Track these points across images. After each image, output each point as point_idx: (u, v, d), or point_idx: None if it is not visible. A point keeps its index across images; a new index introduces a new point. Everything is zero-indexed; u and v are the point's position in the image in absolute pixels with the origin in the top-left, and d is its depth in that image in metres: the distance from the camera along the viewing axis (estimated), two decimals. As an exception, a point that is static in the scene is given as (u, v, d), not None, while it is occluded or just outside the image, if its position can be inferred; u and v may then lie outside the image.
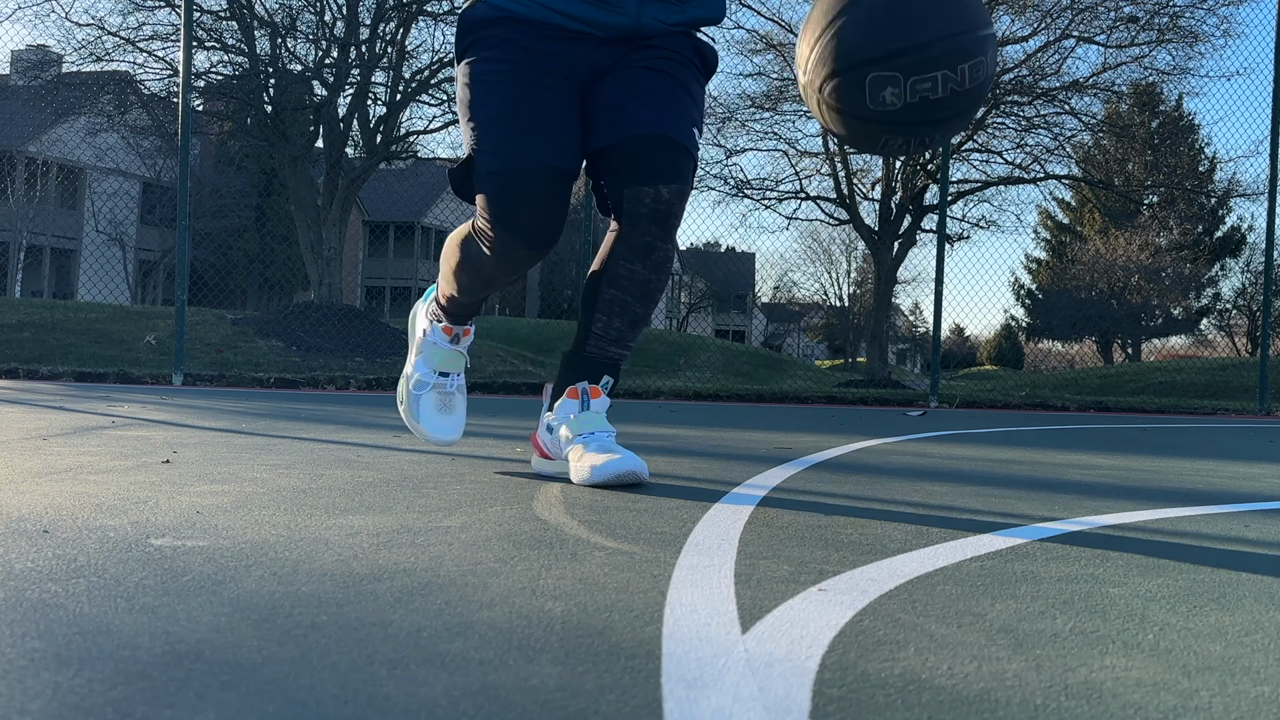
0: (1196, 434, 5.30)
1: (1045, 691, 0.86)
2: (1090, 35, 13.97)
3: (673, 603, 1.14)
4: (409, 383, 2.47)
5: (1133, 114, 15.51)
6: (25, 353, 9.48)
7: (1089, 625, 1.10)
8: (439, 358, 2.44)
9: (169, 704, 0.77)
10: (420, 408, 2.43)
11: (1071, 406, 8.62)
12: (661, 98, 2.17)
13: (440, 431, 2.43)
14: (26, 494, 1.81)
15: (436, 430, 2.43)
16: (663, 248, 2.19)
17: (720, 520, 1.74)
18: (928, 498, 2.15)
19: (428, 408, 2.43)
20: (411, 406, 2.44)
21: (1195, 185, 16.66)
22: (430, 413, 2.42)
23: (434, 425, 2.43)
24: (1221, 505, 2.20)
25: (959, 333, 41.74)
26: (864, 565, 1.39)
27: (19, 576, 1.17)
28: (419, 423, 2.43)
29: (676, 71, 2.22)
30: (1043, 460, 3.30)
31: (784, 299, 39.94)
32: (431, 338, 2.45)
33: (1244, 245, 29.07)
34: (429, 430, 2.42)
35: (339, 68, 13.62)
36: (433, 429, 2.42)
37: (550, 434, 2.32)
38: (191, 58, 8.01)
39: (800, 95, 9.81)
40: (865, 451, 3.36)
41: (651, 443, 3.48)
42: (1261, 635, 1.08)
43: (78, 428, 3.34)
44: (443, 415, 2.43)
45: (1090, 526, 1.81)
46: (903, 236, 14.96)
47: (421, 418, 2.43)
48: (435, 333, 2.44)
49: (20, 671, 0.83)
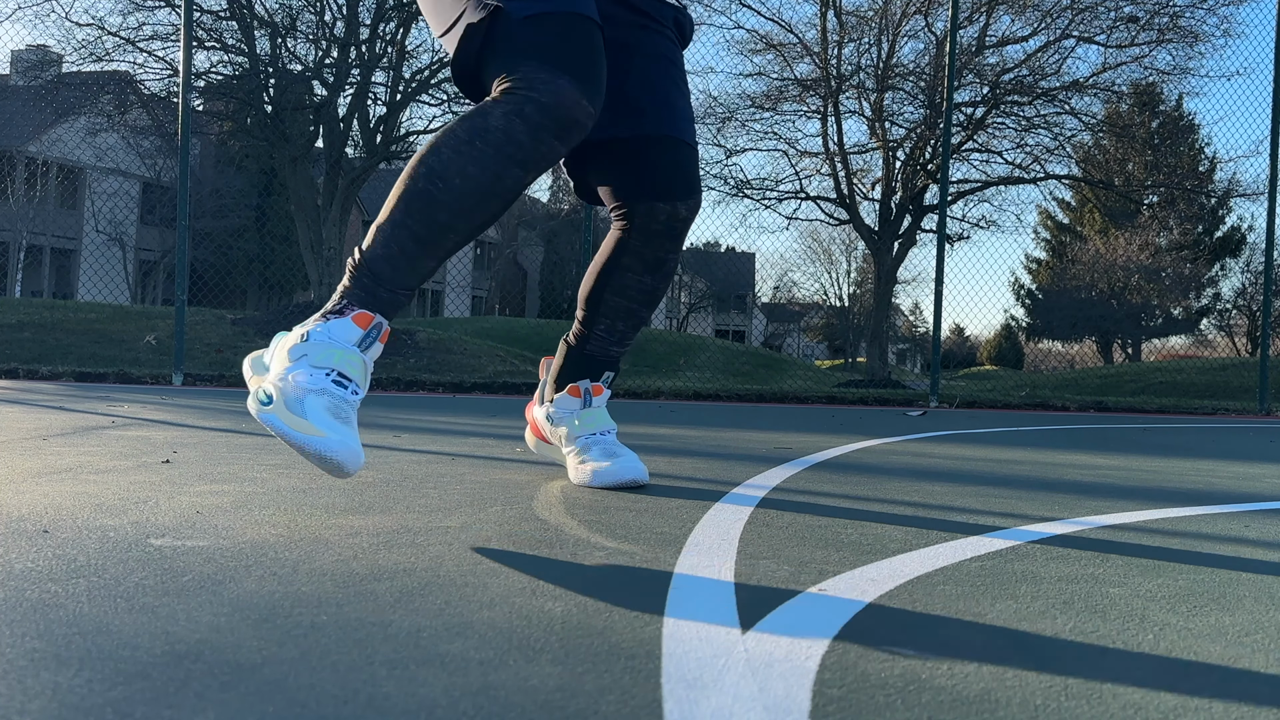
0: (1197, 434, 5.30)
1: (1045, 691, 0.86)
2: (1090, 35, 13.98)
3: (673, 603, 1.14)
4: (280, 387, 1.58)
5: (1133, 114, 15.50)
6: (25, 353, 9.48)
7: (1089, 625, 1.10)
8: (336, 356, 1.60)
9: (169, 704, 0.77)
10: (307, 406, 1.54)
11: (1071, 406, 8.62)
12: (669, 92, 2.01)
13: (342, 442, 1.52)
14: (26, 494, 1.81)
15: (337, 438, 1.52)
16: (674, 259, 2.14)
17: (720, 520, 1.74)
18: (928, 498, 2.15)
19: (317, 408, 1.55)
20: (290, 404, 1.55)
21: (1195, 185, 16.66)
22: (323, 414, 1.54)
23: (333, 430, 1.52)
24: (1221, 505, 2.20)
25: (959, 333, 41.76)
26: (864, 565, 1.39)
27: (19, 576, 1.17)
28: (308, 420, 1.53)
29: (675, 55, 2.05)
30: (1043, 460, 3.30)
31: (784, 299, 39.94)
32: (324, 333, 1.62)
33: (1244, 245, 29.09)
34: (326, 433, 1.52)
35: (339, 68, 13.62)
36: (333, 434, 1.52)
37: (551, 424, 2.25)
38: (191, 58, 8.01)
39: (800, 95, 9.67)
40: (865, 451, 3.36)
41: (651, 443, 3.48)
42: (1261, 635, 1.08)
43: (78, 428, 3.34)
44: (341, 424, 1.55)
45: (1090, 527, 1.81)
46: (903, 236, 14.96)
47: (311, 415, 1.53)
48: (336, 327, 1.62)
49: (20, 671, 0.83)
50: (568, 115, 1.61)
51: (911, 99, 14.48)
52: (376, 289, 1.66)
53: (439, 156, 1.63)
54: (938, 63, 13.79)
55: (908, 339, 37.71)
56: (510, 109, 1.61)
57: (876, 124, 14.44)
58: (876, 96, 14.31)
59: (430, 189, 1.63)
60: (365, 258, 1.67)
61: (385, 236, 1.65)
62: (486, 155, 1.61)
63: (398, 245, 1.65)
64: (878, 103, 14.32)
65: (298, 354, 1.60)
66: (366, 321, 1.63)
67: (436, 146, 1.65)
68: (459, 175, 1.62)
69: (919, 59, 14.76)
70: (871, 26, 14.37)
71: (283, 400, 1.54)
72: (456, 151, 1.62)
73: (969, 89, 14.14)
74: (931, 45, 14.29)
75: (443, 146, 1.64)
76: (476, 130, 1.61)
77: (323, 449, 1.50)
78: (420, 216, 1.64)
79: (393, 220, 1.65)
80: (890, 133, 14.54)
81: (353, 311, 1.64)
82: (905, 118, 14.63)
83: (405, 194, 1.64)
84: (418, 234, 1.65)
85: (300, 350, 1.60)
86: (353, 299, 1.65)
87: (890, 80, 14.28)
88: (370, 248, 1.67)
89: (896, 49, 14.46)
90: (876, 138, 14.57)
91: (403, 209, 1.64)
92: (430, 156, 1.64)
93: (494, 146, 1.60)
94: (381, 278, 1.66)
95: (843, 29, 14.28)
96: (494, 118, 1.61)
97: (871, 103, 14.43)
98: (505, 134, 1.61)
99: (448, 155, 1.62)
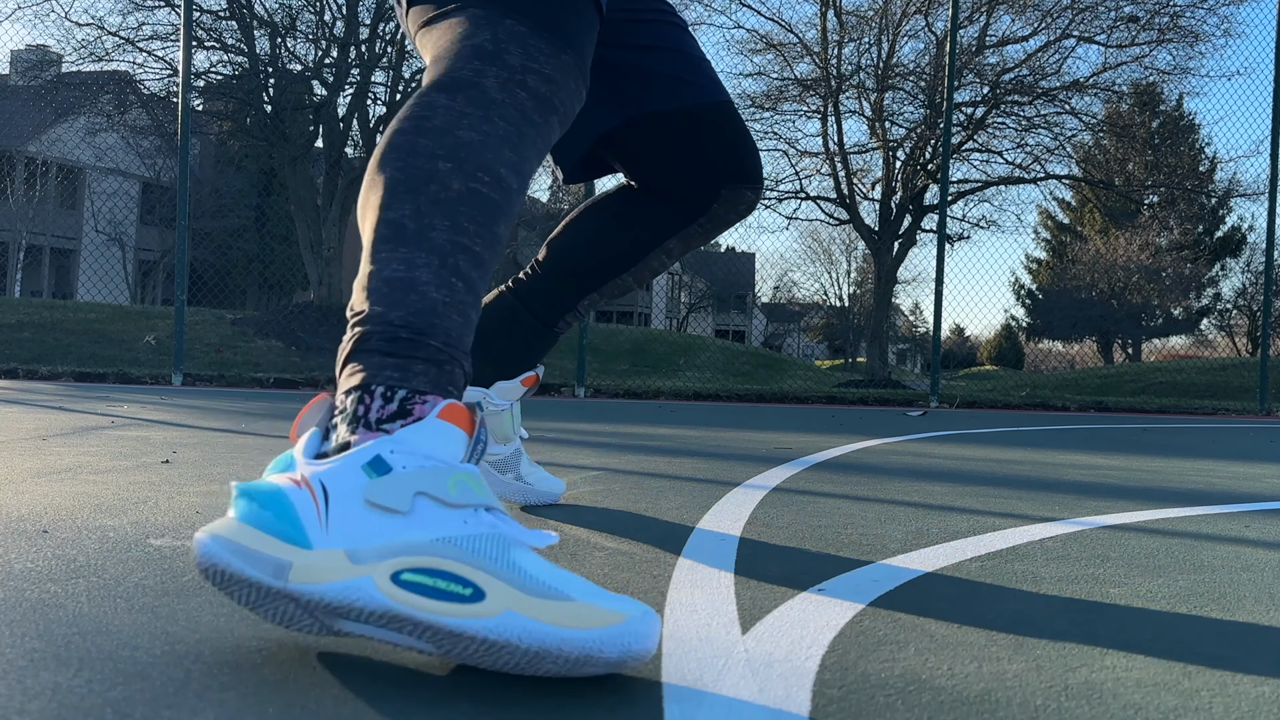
0: (1197, 434, 5.30)
1: (1046, 692, 0.86)
2: (1090, 35, 13.99)
3: (673, 603, 1.14)
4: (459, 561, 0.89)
5: (1133, 114, 15.50)
6: (25, 353, 9.48)
7: (1089, 626, 1.10)
8: (450, 482, 0.93)
9: (168, 704, 0.77)
10: (521, 572, 0.88)
11: (1072, 407, 8.62)
12: (700, 56, 1.71)
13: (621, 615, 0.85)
14: (26, 494, 1.81)
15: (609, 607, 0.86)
16: None
17: (720, 520, 1.74)
18: (928, 498, 2.15)
19: (527, 568, 0.89)
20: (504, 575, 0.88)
21: (1196, 185, 16.67)
22: (538, 560, 0.91)
23: (587, 592, 0.88)
24: (1222, 506, 2.20)
25: (959, 333, 41.76)
26: (864, 565, 1.39)
27: (18, 577, 1.17)
28: (545, 597, 0.86)
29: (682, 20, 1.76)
30: (1043, 460, 3.30)
31: (784, 299, 39.95)
32: (410, 456, 0.93)
33: (1244, 245, 29.09)
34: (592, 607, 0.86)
35: (339, 67, 13.62)
36: (594, 600, 0.86)
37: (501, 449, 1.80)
38: (191, 57, 8.01)
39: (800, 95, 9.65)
40: (865, 452, 3.36)
41: (652, 443, 3.48)
42: (1262, 636, 1.08)
43: (77, 428, 3.34)
44: (559, 570, 0.91)
45: (1090, 527, 1.81)
46: (903, 236, 14.97)
47: (543, 584, 0.87)
48: (419, 437, 0.94)
49: (20, 672, 0.83)
50: (573, 78, 1.24)
51: (911, 99, 14.49)
52: (454, 358, 1.04)
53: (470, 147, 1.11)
54: (938, 62, 13.79)
55: (908, 339, 37.71)
56: (482, 99, 1.15)
57: (876, 124, 14.45)
58: (876, 96, 14.31)
59: (480, 189, 1.10)
60: (417, 312, 1.02)
61: (437, 273, 1.04)
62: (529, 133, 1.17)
63: (464, 282, 1.06)
64: (878, 102, 14.33)
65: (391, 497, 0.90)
66: (465, 417, 0.96)
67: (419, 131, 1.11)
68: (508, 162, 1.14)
69: (919, 59, 14.78)
70: (871, 26, 14.38)
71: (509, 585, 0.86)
72: (423, 161, 1.10)
73: (969, 89, 14.15)
74: (932, 45, 14.30)
75: (410, 152, 1.11)
76: (431, 146, 1.11)
77: (608, 643, 0.83)
78: (483, 231, 1.09)
79: (440, 246, 1.05)
80: (890, 132, 14.55)
81: (433, 405, 0.98)
82: (905, 117, 14.64)
83: (453, 201, 1.08)
84: (481, 258, 1.09)
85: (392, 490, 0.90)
86: (416, 383, 1.00)
87: (890, 80, 14.28)
88: (420, 295, 1.03)
89: (896, 49, 14.48)
90: (876, 137, 14.58)
91: (452, 224, 1.07)
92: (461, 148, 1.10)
93: (470, 146, 1.12)
94: (453, 336, 1.04)
95: (843, 29, 14.29)
96: (465, 112, 1.13)
97: (871, 102, 14.44)
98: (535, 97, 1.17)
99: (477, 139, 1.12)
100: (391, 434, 0.94)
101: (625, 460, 2.79)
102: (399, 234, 1.05)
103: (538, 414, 5.08)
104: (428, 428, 0.94)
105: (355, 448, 0.93)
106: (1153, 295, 25.51)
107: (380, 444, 0.92)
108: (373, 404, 0.97)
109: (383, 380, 0.99)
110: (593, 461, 2.72)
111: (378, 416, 0.97)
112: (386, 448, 0.92)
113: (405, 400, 0.98)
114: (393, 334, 1.01)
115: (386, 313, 1.02)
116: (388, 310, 1.02)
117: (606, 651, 0.81)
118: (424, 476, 0.90)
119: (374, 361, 1.00)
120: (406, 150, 1.10)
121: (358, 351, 1.02)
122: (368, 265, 1.06)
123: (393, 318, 1.01)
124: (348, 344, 1.04)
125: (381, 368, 1.00)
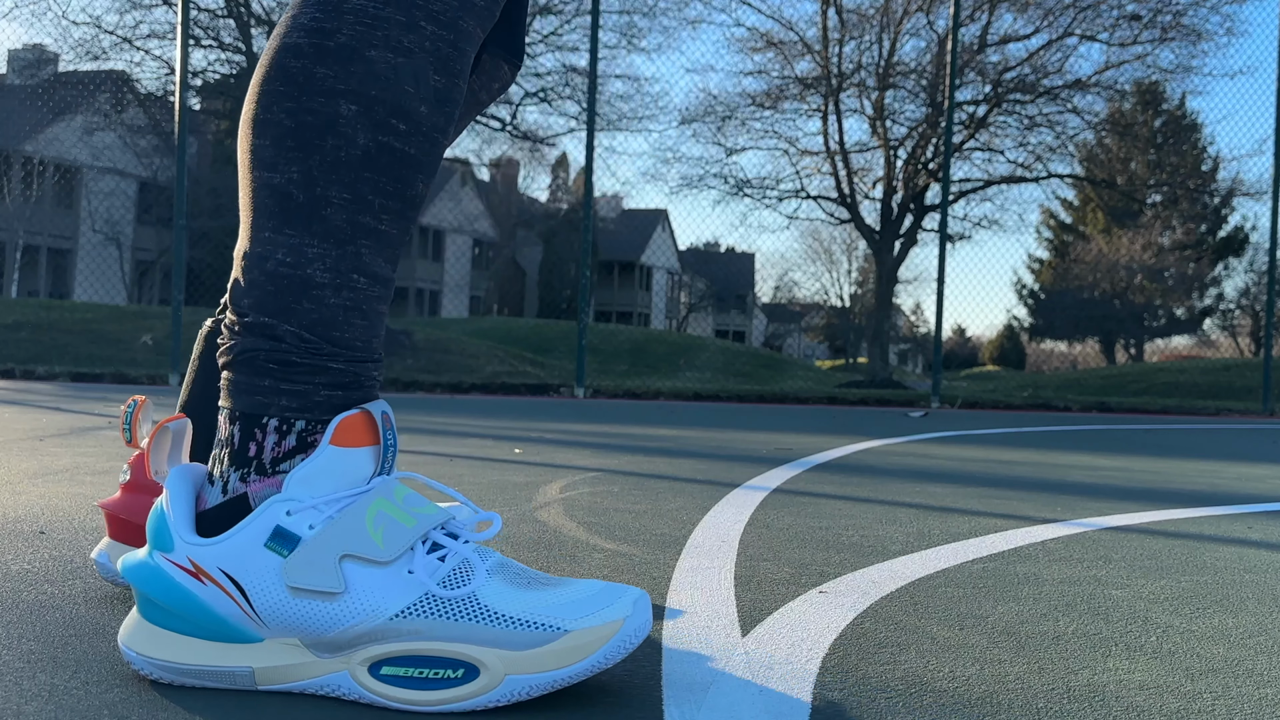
0: (1200, 435, 5.29)
1: (1048, 694, 0.86)
2: (1093, 33, 13.99)
3: (673, 605, 1.14)
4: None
5: (1136, 113, 15.51)
6: (21, 353, 9.48)
7: (1092, 627, 1.09)
8: (370, 527, 0.81)
9: (164, 706, 0.76)
10: (483, 600, 0.80)
11: (1074, 407, 8.61)
12: None
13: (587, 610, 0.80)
14: (23, 495, 1.80)
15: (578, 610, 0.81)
16: None
17: (720, 522, 1.74)
18: (929, 499, 2.14)
19: (496, 588, 0.82)
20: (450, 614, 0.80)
21: (1198, 184, 16.68)
22: (507, 591, 0.82)
23: (549, 605, 0.81)
24: (1225, 507, 2.19)
25: (961, 333, 41.75)
26: (865, 567, 1.38)
27: (15, 578, 1.16)
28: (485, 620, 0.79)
29: None
30: (1045, 461, 3.30)
31: (784, 299, 39.95)
32: (307, 489, 0.81)
33: (1247, 245, 29.07)
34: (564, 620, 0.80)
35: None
36: (565, 611, 0.80)
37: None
38: (188, 56, 8.01)
39: (800, 93, 9.62)
40: (866, 453, 3.36)
41: (651, 443, 3.47)
42: (1265, 638, 1.07)
43: (74, 428, 3.33)
44: (529, 588, 0.83)
45: (1093, 528, 1.80)
46: (904, 236, 14.97)
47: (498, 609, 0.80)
48: (322, 467, 0.81)
49: (16, 673, 0.83)
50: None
51: (913, 97, 14.49)
52: (359, 375, 0.86)
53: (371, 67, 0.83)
54: (939, 61, 13.78)
55: (909, 339, 37.71)
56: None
57: (877, 123, 14.44)
58: (878, 95, 14.31)
59: (392, 141, 0.84)
60: (312, 325, 0.83)
61: (334, 269, 0.84)
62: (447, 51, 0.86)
63: (367, 276, 0.86)
64: (879, 101, 14.33)
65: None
66: (363, 430, 0.83)
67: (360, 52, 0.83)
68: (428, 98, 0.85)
69: (920, 57, 14.78)
70: (873, 24, 14.38)
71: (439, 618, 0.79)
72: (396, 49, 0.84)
73: (971, 87, 14.15)
74: (933, 43, 14.31)
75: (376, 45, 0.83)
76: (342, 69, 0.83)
77: (612, 654, 0.79)
78: (392, 202, 0.86)
79: (337, 230, 0.84)
80: (891, 131, 14.55)
81: (324, 424, 0.84)
82: (907, 116, 14.65)
83: (355, 163, 0.83)
84: (389, 238, 0.87)
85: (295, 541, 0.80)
86: (318, 412, 0.84)
87: (891, 78, 14.28)
88: (315, 303, 0.83)
89: (898, 47, 14.48)
90: (878, 136, 14.57)
91: (353, 195, 0.84)
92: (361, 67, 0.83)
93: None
94: (358, 349, 0.86)
95: (844, 27, 14.29)
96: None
97: (873, 101, 14.43)
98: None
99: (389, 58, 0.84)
100: (281, 487, 0.81)
101: (625, 461, 2.78)
102: (285, 207, 0.83)
103: (537, 415, 5.08)
104: (321, 462, 0.81)
105: (246, 523, 0.80)
106: (1155, 295, 25.52)
107: (273, 508, 0.80)
108: (265, 440, 0.83)
109: (276, 411, 0.83)
110: (592, 462, 2.71)
111: (272, 456, 0.83)
112: (282, 510, 0.80)
113: (304, 433, 0.83)
114: (283, 355, 0.83)
115: (275, 325, 0.83)
116: (276, 321, 0.83)
117: (613, 659, 0.79)
118: (338, 534, 0.79)
119: (263, 385, 0.83)
120: (300, 82, 0.83)
121: (241, 366, 0.84)
122: (246, 238, 0.85)
123: (282, 333, 0.82)
124: (228, 351, 0.85)
125: (274, 394, 0.83)
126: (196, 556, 0.80)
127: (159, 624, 0.82)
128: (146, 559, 0.83)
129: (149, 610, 0.82)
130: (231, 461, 0.84)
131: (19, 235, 23.69)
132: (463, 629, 0.78)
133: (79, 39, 12.89)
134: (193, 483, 0.85)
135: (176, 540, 0.81)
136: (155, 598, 0.81)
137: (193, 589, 0.80)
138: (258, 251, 0.84)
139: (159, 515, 0.83)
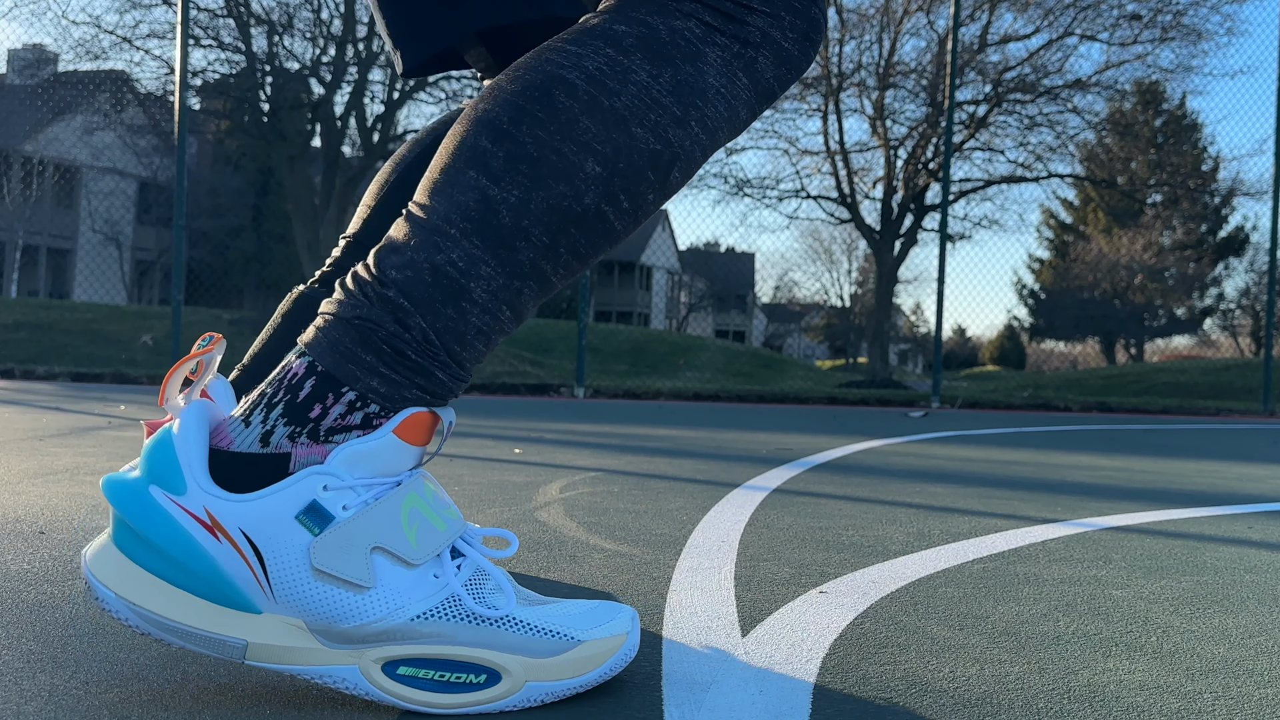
0: (1200, 435, 5.29)
1: (1048, 695, 0.86)
2: (1093, 33, 13.99)
3: (673, 605, 1.14)
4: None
5: (1136, 112, 15.52)
6: (21, 353, 9.48)
7: (1092, 628, 1.09)
8: (405, 523, 0.81)
9: (165, 706, 0.76)
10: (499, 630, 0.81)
11: (1074, 407, 8.61)
12: None
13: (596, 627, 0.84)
14: (23, 495, 1.80)
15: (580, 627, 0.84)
16: None
17: (720, 522, 1.74)
18: (929, 499, 2.14)
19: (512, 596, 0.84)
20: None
21: (1199, 184, 16.68)
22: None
23: (552, 619, 0.84)
24: (1225, 507, 2.19)
25: (961, 333, 41.74)
26: (865, 567, 1.38)
27: (15, 578, 1.16)
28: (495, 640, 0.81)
29: None
30: (1045, 461, 3.30)
31: (784, 299, 39.96)
32: (349, 467, 0.79)
33: (1248, 245, 29.06)
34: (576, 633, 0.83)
35: (336, 65, 13.62)
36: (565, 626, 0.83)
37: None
38: (188, 56, 8.00)
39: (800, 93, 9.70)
40: (867, 453, 3.36)
41: (651, 443, 3.47)
42: (1265, 638, 1.07)
43: (74, 428, 3.33)
44: (538, 605, 0.86)
45: (1093, 528, 1.80)
46: (904, 236, 14.97)
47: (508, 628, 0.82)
48: (366, 452, 0.79)
49: (16, 673, 0.83)
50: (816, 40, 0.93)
51: (913, 97, 14.49)
52: (452, 390, 0.85)
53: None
54: (939, 60, 13.78)
55: (909, 339, 37.71)
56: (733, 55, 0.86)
57: (878, 122, 14.44)
58: (878, 94, 14.31)
59: (609, 214, 0.85)
60: (442, 332, 0.82)
61: (494, 294, 0.83)
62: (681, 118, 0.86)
63: (513, 311, 0.85)
64: (879, 101, 14.32)
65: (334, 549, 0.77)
66: (423, 431, 0.82)
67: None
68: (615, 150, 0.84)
69: (920, 56, 14.80)
70: (873, 24, 14.38)
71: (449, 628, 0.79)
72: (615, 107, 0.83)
73: (971, 87, 14.15)
74: (933, 43, 14.31)
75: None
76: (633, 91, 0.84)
77: (616, 665, 0.83)
78: (575, 263, 0.87)
79: (518, 265, 0.83)
80: (892, 131, 14.55)
81: (393, 412, 0.81)
82: (907, 116, 14.65)
83: (571, 218, 0.83)
84: (551, 287, 0.87)
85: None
86: (396, 406, 0.81)
87: (891, 78, 14.28)
88: (458, 313, 0.82)
89: (898, 46, 14.47)
90: (878, 136, 14.57)
91: (550, 243, 0.84)
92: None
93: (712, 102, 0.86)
94: (464, 368, 0.85)
95: (844, 26, 14.28)
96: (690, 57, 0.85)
97: (873, 101, 14.43)
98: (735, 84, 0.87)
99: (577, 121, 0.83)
100: (325, 459, 0.78)
101: (625, 461, 2.78)
102: (486, 220, 0.81)
103: (537, 415, 5.08)
104: (376, 445, 0.79)
105: (281, 486, 0.76)
106: (1156, 295, 25.52)
107: (311, 479, 0.77)
108: (333, 408, 0.79)
109: (363, 388, 0.80)
110: (592, 462, 2.71)
111: (330, 425, 0.79)
112: (319, 484, 0.77)
113: (373, 415, 0.80)
114: (401, 345, 0.80)
115: (411, 314, 0.80)
116: (415, 310, 0.80)
117: (616, 670, 0.83)
118: (373, 523, 0.77)
119: (364, 359, 0.80)
120: (562, 122, 0.82)
121: (353, 329, 0.80)
122: (421, 219, 0.82)
123: (413, 325, 0.80)
124: (349, 306, 0.81)
125: (370, 372, 0.80)
126: (216, 510, 0.76)
127: (149, 569, 0.76)
128: (146, 493, 0.76)
129: (137, 550, 0.76)
130: (286, 412, 0.79)
131: (19, 235, 23.69)
132: (487, 635, 0.79)
133: (79, 39, 12.92)
134: (210, 423, 0.80)
135: (192, 485, 0.76)
136: (155, 541, 0.75)
137: (204, 544, 0.76)
138: (435, 241, 0.81)
139: (167, 448, 0.76)
